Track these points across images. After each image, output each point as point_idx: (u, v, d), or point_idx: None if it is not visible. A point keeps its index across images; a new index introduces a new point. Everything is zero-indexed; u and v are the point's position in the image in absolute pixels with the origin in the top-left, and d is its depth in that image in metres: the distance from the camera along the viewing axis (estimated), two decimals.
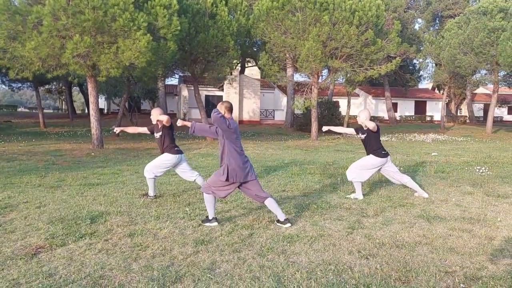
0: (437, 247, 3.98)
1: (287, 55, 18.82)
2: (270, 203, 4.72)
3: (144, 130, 6.51)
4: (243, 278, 3.20)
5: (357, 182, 6.34)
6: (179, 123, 4.97)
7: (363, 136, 6.31)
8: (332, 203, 5.91)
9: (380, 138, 6.33)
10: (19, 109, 66.59)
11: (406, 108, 44.71)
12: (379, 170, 6.43)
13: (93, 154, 13.11)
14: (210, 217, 4.75)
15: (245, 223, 4.80)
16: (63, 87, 40.64)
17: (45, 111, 29.04)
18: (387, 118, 39.76)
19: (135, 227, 4.64)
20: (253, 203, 5.88)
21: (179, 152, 6.29)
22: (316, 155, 13.59)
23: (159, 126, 6.22)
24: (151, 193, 6.25)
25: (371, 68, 17.89)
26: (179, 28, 13.00)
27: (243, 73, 34.42)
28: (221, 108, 4.68)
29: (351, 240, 4.18)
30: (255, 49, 30.05)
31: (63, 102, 57.52)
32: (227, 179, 4.55)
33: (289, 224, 4.67)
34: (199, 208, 5.58)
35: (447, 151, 15.26)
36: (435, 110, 44.59)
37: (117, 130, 6.69)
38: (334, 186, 7.27)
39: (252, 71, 41.66)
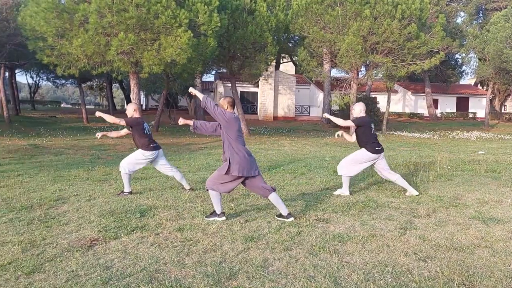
0: (498, 250, 3.78)
1: (325, 50, 18.53)
2: (274, 197, 4.70)
3: (125, 131, 6.52)
4: (298, 277, 3.15)
5: (346, 177, 6.23)
6: (181, 121, 5.01)
7: (353, 129, 6.17)
8: (380, 202, 5.75)
9: (372, 132, 6.11)
10: (62, 105, 69.28)
11: (447, 105, 43.13)
12: (372, 165, 6.27)
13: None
14: (218, 212, 4.73)
15: (291, 220, 4.74)
16: (104, 84, 41.87)
17: (87, 107, 30.00)
18: (428, 115, 38.53)
19: (183, 221, 4.68)
20: (297, 200, 5.82)
21: (156, 148, 6.22)
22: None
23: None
24: (126, 189, 6.15)
25: (413, 63, 17.33)
26: (219, 24, 13.06)
27: (278, 69, 34.25)
28: (223, 103, 4.70)
29: (405, 241, 4.03)
30: (290, 45, 29.86)
31: (104, 98, 59.33)
32: (227, 173, 4.53)
33: (292, 218, 4.69)
34: (243, 204, 5.57)
35: (495, 149, 14.59)
36: (478, 107, 42.79)
37: (99, 135, 6.41)
38: (379, 185, 7.08)
39: (287, 67, 41.43)
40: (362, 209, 5.31)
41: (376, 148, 6.06)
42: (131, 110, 6.24)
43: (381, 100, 34.48)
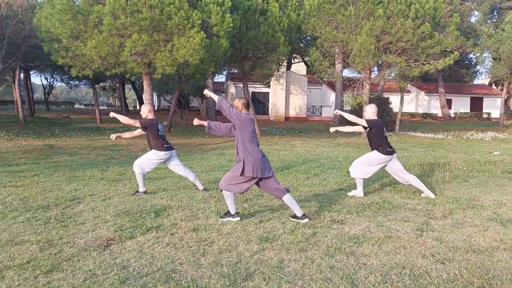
0: None
1: (338, 50, 18.43)
2: (288, 198, 4.69)
3: (139, 131, 6.49)
4: (314, 278, 3.13)
5: (359, 179, 6.21)
6: (196, 122, 5.03)
7: (365, 131, 6.15)
8: (395, 203, 5.70)
9: (384, 135, 6.08)
10: (75, 106, 70.10)
11: (461, 105, 42.57)
12: (384, 167, 6.20)
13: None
14: (232, 212, 4.73)
15: (306, 221, 4.72)
16: (117, 85, 42.26)
17: (100, 107, 30.31)
18: (441, 115, 38.07)
19: (197, 221, 4.69)
20: (311, 201, 5.79)
21: (169, 148, 6.24)
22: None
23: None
24: (140, 189, 6.20)
25: (427, 63, 17.15)
26: (231, 25, 13.09)
27: (290, 69, 34.19)
28: (238, 104, 4.71)
29: (422, 243, 3.98)
30: (302, 45, 29.78)
31: (116, 99, 59.88)
32: (241, 174, 4.52)
33: (306, 219, 4.68)
34: (257, 204, 5.56)
35: (511, 150, 14.35)
36: (492, 107, 42.15)
37: (113, 136, 6.40)
38: (393, 186, 7.01)
39: (298, 67, 41.32)
40: (377, 210, 5.26)
41: (388, 149, 6.02)
42: (146, 111, 6.29)
43: (394, 100, 34.15)
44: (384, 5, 15.72)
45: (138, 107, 47.26)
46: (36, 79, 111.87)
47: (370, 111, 6.06)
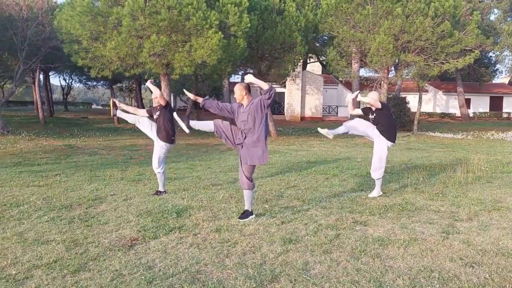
0: None
1: (355, 49, 18.27)
2: (249, 193, 4.80)
3: (143, 112, 6.41)
4: (341, 281, 3.09)
5: (379, 179, 6.26)
6: (191, 95, 5.20)
7: (372, 116, 6.16)
8: (417, 204, 5.61)
9: (393, 117, 6.20)
10: (93, 106, 71.03)
11: (480, 104, 41.81)
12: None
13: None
14: (250, 210, 4.86)
15: (328, 223, 4.68)
16: (134, 85, 42.66)
17: None
18: (459, 115, 37.46)
19: (219, 222, 4.69)
20: (332, 202, 5.74)
21: (173, 141, 6.24)
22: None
23: (158, 107, 6.18)
24: (161, 188, 6.23)
25: (446, 62, 16.87)
26: (249, 25, 13.09)
27: (305, 69, 34.05)
28: (241, 88, 4.69)
29: (449, 245, 3.91)
30: (317, 45, 29.60)
31: (133, 99, 60.43)
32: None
33: (253, 216, 4.80)
34: (277, 205, 5.54)
35: None
36: None
37: (119, 106, 6.30)
38: (415, 187, 6.91)
39: (313, 67, 41.10)
40: (400, 212, 5.19)
41: (396, 136, 6.19)
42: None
43: (411, 99, 33.73)
44: (402, 3, 15.52)
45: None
46: (54, 80, 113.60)
47: (376, 96, 6.08)
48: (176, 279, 3.12)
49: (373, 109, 6.11)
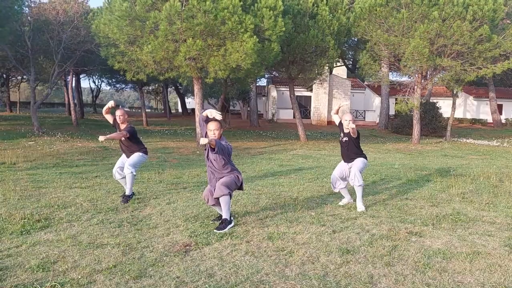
0: None
1: (387, 53, 17.94)
2: (227, 201, 4.62)
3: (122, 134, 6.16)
4: None
5: (345, 188, 6.04)
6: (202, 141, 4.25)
7: (344, 139, 5.92)
8: (470, 215, 5.40)
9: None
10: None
11: None
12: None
13: (198, 152, 13.65)
14: (229, 218, 4.69)
15: (381, 233, 4.54)
16: (160, 88, 43.21)
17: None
18: (491, 121, 36.37)
19: (268, 229, 4.61)
20: (379, 211, 5.58)
21: (147, 152, 6.28)
22: (424, 160, 12.74)
23: (122, 128, 6.24)
24: (129, 191, 5.98)
25: (484, 67, 16.37)
26: (283, 29, 13.02)
27: (331, 73, 33.74)
28: (218, 128, 4.66)
29: None
30: (344, 48, 29.25)
31: (159, 102, 61.24)
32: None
33: (232, 224, 4.69)
34: (323, 213, 5.42)
35: None
36: None
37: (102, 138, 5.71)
38: (462, 196, 6.67)
39: (338, 71, 40.71)
40: (454, 223, 4.99)
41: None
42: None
43: (441, 105, 32.95)
44: (439, 7, 15.16)
45: (180, 110, 48.11)
46: (83, 82, 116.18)
47: (352, 123, 5.68)
48: None
49: (346, 131, 5.88)
